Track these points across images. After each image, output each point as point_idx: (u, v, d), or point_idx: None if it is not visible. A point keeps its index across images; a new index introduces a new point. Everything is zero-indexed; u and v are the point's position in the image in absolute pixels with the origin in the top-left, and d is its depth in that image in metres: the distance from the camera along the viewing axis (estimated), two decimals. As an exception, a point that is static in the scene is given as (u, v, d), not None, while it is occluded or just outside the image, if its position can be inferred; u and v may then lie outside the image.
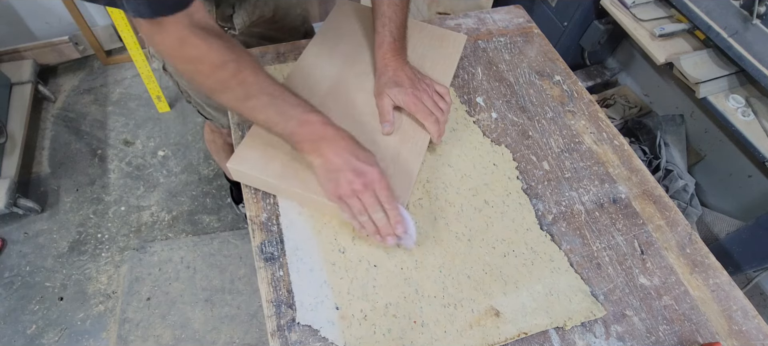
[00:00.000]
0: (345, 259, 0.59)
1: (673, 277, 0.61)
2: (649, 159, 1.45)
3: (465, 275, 0.58)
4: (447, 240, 0.61)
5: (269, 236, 0.60)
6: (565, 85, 0.82)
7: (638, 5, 1.37)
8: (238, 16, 0.78)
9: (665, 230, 0.65)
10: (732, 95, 1.21)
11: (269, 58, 0.81)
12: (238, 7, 0.77)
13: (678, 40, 1.32)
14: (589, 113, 0.78)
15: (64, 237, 1.48)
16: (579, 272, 0.60)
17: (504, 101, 0.78)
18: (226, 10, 0.76)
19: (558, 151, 0.73)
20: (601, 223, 0.65)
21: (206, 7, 0.73)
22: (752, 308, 0.59)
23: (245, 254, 1.46)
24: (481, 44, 0.87)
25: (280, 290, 0.56)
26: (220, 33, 0.52)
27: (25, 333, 1.30)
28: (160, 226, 1.52)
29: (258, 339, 1.31)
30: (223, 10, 0.76)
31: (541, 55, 0.87)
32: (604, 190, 0.69)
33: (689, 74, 1.20)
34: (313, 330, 0.53)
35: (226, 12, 0.77)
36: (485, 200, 0.66)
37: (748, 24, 1.11)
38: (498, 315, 0.55)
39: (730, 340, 0.56)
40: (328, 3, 1.98)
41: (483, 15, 0.93)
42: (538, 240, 0.62)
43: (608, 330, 0.56)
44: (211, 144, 1.21)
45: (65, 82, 1.88)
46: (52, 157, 1.66)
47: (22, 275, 1.40)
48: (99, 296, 1.37)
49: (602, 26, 1.50)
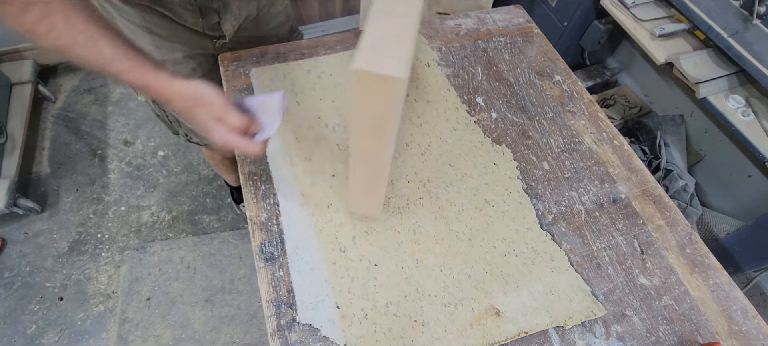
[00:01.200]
0: (346, 258, 0.59)
1: (673, 277, 0.61)
2: (649, 159, 1.45)
3: (465, 274, 0.58)
4: (448, 239, 0.61)
5: (269, 236, 0.60)
6: (565, 85, 0.82)
7: (638, 5, 1.37)
8: (225, 22, 0.77)
9: (665, 230, 0.65)
10: (732, 95, 1.21)
11: (269, 58, 0.81)
12: (224, 13, 0.76)
13: (678, 40, 1.32)
14: (589, 113, 0.78)
15: (64, 237, 1.48)
16: (579, 271, 0.60)
17: (504, 101, 0.79)
18: (212, 18, 0.75)
19: (558, 151, 0.73)
20: (601, 223, 0.65)
21: (192, 18, 0.72)
22: (752, 308, 0.59)
23: (245, 254, 1.46)
24: (481, 44, 0.87)
25: (280, 289, 0.56)
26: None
27: (25, 333, 1.30)
28: (160, 226, 1.52)
29: (258, 339, 1.31)
30: (210, 19, 0.75)
31: (541, 55, 0.87)
32: (604, 190, 0.69)
33: (689, 74, 1.20)
34: (314, 329, 0.53)
35: (212, 20, 0.75)
36: (486, 199, 0.66)
37: (748, 24, 1.11)
38: (498, 314, 0.55)
39: (730, 340, 0.56)
40: (328, 3, 1.98)
41: (483, 15, 0.93)
42: (539, 240, 0.62)
43: (608, 330, 0.56)
44: (210, 159, 1.21)
45: (65, 82, 1.88)
46: (52, 157, 1.66)
47: (22, 275, 1.39)
48: (99, 296, 1.37)
49: (602, 26, 1.50)
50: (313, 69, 0.79)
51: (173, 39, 0.76)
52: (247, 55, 0.81)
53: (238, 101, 0.57)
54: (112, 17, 0.71)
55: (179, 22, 0.73)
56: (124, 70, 0.51)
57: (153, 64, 0.53)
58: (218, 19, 0.76)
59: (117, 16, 0.71)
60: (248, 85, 0.76)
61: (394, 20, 0.45)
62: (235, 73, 0.78)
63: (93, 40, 0.50)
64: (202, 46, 0.80)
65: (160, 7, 0.69)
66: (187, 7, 0.71)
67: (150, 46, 0.74)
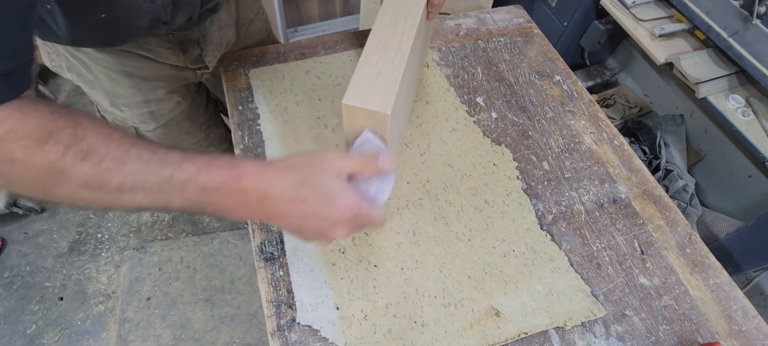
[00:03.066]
0: (345, 259, 0.59)
1: (673, 277, 0.61)
2: (649, 159, 1.45)
3: (465, 274, 0.58)
4: (447, 240, 0.61)
5: (269, 236, 0.60)
6: (565, 85, 0.82)
7: (638, 5, 1.37)
8: (207, 54, 0.74)
9: (665, 230, 0.65)
10: (732, 95, 1.21)
11: (269, 58, 0.81)
12: (204, 43, 0.73)
13: (678, 40, 1.32)
14: (589, 113, 0.78)
15: (64, 237, 1.48)
16: (579, 272, 0.60)
17: (504, 101, 0.78)
18: (193, 51, 0.72)
19: (558, 151, 0.73)
20: (601, 223, 0.65)
21: (173, 55, 0.70)
22: (752, 308, 0.59)
23: (245, 254, 1.46)
24: (481, 44, 0.87)
25: (280, 290, 0.56)
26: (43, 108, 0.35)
27: (25, 333, 1.30)
28: (160, 226, 1.52)
29: (258, 339, 1.31)
30: (191, 53, 0.72)
31: (541, 55, 0.87)
32: (604, 190, 0.69)
33: (689, 74, 1.20)
34: (314, 330, 0.53)
35: (193, 53, 0.72)
36: (485, 200, 0.66)
37: (748, 24, 1.11)
38: (498, 315, 0.55)
39: (730, 340, 0.56)
40: (328, 3, 1.98)
41: (483, 15, 0.93)
42: (538, 240, 0.62)
43: (608, 330, 0.56)
44: None
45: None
46: (52, 157, 1.66)
47: (22, 275, 1.39)
48: (99, 296, 1.37)
49: (602, 26, 1.50)
50: (312, 69, 0.79)
51: (154, 78, 0.73)
52: (247, 55, 0.80)
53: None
54: (88, 68, 0.67)
55: (159, 60, 0.70)
56: (200, 171, 0.37)
57: (232, 164, 0.39)
58: (200, 51, 0.73)
59: (92, 65, 0.67)
60: (248, 86, 0.76)
61: (386, 56, 0.47)
62: (235, 73, 0.78)
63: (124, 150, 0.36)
64: (183, 78, 0.78)
65: (139, 50, 0.66)
66: (165, 45, 0.68)
67: (130, 88, 0.71)
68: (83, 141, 0.34)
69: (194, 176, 0.37)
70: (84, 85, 0.73)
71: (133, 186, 0.36)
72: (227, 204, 0.38)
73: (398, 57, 0.47)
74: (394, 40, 0.48)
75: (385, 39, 0.49)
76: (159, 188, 0.36)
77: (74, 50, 0.65)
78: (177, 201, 0.37)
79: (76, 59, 0.67)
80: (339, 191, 0.40)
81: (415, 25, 0.50)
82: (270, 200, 0.38)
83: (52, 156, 0.33)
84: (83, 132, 0.35)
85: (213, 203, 0.38)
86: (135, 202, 0.37)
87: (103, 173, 0.35)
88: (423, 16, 0.55)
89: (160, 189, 0.36)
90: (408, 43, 0.48)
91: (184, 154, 0.38)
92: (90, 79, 0.70)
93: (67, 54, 0.66)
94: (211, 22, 0.72)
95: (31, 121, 0.33)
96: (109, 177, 0.35)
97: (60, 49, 0.66)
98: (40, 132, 0.33)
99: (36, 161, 0.33)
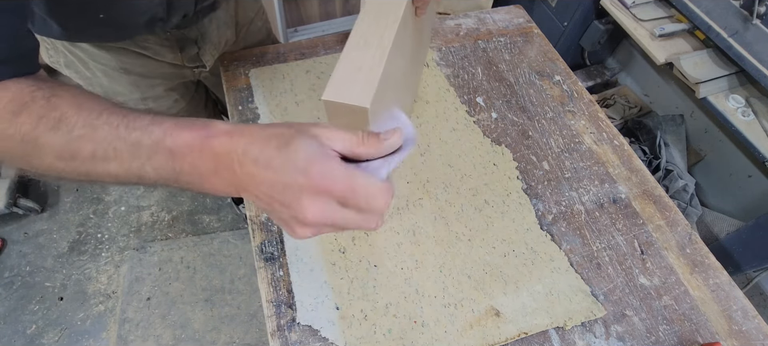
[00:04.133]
0: (345, 259, 0.59)
1: (673, 277, 0.61)
2: (649, 159, 1.45)
3: (465, 275, 0.58)
4: (447, 240, 0.61)
5: (269, 236, 0.60)
6: (565, 85, 0.82)
7: (638, 5, 1.37)
8: (205, 53, 0.74)
9: (665, 230, 0.65)
10: (732, 95, 1.21)
11: (269, 58, 0.81)
12: (203, 43, 0.72)
13: (678, 40, 1.32)
14: (589, 113, 0.78)
15: (64, 237, 1.48)
16: (579, 272, 0.60)
17: (504, 101, 0.78)
18: (191, 50, 0.72)
19: (558, 151, 0.73)
20: (601, 223, 0.65)
21: (170, 53, 0.70)
22: (752, 308, 0.59)
23: (245, 254, 1.46)
24: (481, 44, 0.87)
25: (280, 290, 0.56)
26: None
27: (25, 333, 1.30)
28: (160, 226, 1.52)
29: (258, 339, 1.31)
30: (189, 51, 0.72)
31: (541, 55, 0.87)
32: (604, 190, 0.69)
33: (689, 74, 1.20)
34: (314, 330, 0.53)
35: (191, 52, 0.72)
36: (485, 200, 0.66)
37: (748, 24, 1.11)
38: (498, 315, 0.55)
39: (730, 340, 0.56)
40: (328, 3, 1.98)
41: (483, 15, 0.93)
42: (538, 240, 0.62)
43: (608, 330, 0.56)
44: None
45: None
46: (52, 157, 1.66)
47: (22, 275, 1.40)
48: (99, 296, 1.37)
49: (602, 26, 1.50)
50: (312, 69, 0.79)
51: (152, 75, 0.73)
52: (247, 55, 0.80)
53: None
54: (85, 64, 0.67)
55: (157, 58, 0.70)
56: (166, 132, 0.34)
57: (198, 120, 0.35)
58: (197, 50, 0.73)
59: (90, 61, 0.67)
60: (248, 86, 0.76)
61: (366, 52, 0.47)
62: (235, 73, 0.78)
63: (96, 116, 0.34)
64: (181, 76, 0.78)
65: (136, 48, 0.66)
66: (163, 43, 0.68)
67: (128, 86, 0.71)
68: (56, 110, 0.33)
69: (161, 139, 0.33)
70: (82, 82, 0.73)
71: (105, 154, 0.34)
72: (198, 170, 0.33)
73: (379, 53, 0.46)
74: (375, 37, 0.48)
75: (366, 35, 0.48)
76: (130, 154, 0.33)
77: (71, 46, 0.65)
78: (149, 170, 0.34)
79: (74, 56, 0.67)
80: (316, 158, 0.32)
81: (396, 20, 0.50)
82: (241, 165, 0.32)
83: (24, 127, 0.33)
84: (57, 101, 0.34)
85: (184, 172, 0.34)
86: (110, 172, 0.34)
87: (74, 142, 0.33)
88: (408, 13, 0.54)
89: (130, 156, 0.33)
90: (389, 39, 0.48)
91: (153, 117, 0.34)
92: (88, 76, 0.70)
93: (65, 50, 0.66)
94: (210, 21, 0.72)
95: (7, 96, 0.33)
96: (80, 146, 0.33)
97: (58, 46, 0.66)
98: (15, 105, 0.33)
99: (10, 133, 0.33)
